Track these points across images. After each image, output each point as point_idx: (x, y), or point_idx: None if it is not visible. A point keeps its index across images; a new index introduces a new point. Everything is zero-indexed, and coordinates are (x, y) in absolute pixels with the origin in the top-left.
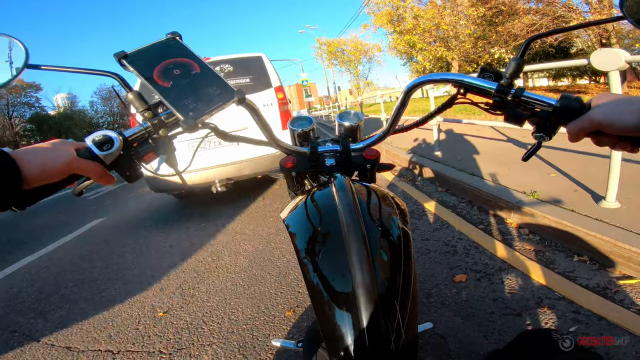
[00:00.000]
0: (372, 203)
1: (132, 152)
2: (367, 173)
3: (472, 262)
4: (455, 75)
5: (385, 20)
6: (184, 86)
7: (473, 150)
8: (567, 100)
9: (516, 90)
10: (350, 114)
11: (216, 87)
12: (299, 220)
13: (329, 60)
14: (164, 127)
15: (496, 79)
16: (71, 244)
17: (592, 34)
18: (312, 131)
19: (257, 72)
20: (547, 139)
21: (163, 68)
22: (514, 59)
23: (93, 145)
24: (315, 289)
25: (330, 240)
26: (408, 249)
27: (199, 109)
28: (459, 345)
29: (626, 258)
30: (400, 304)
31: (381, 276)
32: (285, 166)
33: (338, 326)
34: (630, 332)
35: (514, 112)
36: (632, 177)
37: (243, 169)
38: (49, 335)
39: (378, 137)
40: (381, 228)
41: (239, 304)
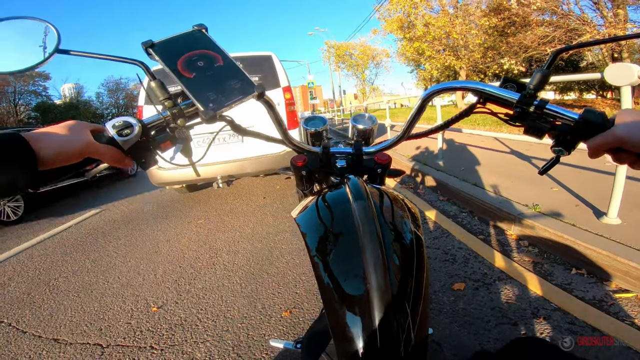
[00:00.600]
0: (384, 205)
1: (150, 140)
2: (377, 177)
3: (470, 271)
4: (476, 84)
5: (396, 27)
6: (207, 78)
7: (476, 160)
8: (591, 114)
9: (539, 102)
10: (364, 117)
11: (237, 80)
12: (311, 219)
13: (336, 63)
14: (183, 117)
15: (518, 89)
16: (66, 233)
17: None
18: (325, 131)
19: (266, 71)
20: (567, 153)
21: (187, 59)
22: (539, 70)
23: (112, 130)
24: (326, 288)
25: (343, 240)
26: (421, 253)
27: (219, 101)
28: (454, 352)
29: (624, 272)
30: (412, 308)
31: (394, 279)
32: (297, 164)
33: (349, 327)
34: (624, 344)
35: (534, 124)
36: (635, 195)
37: (246, 166)
38: (37, 327)
39: (392, 141)
40: (394, 231)
41: (236, 302)
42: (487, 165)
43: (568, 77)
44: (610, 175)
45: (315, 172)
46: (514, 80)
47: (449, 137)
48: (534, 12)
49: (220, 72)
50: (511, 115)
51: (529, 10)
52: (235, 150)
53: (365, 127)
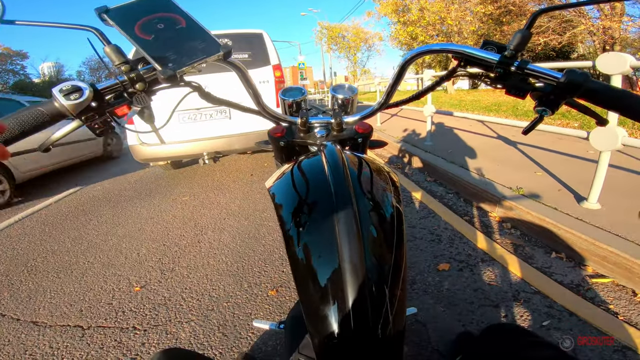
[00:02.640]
0: (363, 174)
1: (104, 105)
2: (358, 147)
3: (455, 252)
4: (455, 46)
5: (391, 10)
6: (166, 39)
7: (464, 144)
8: (574, 74)
9: (520, 62)
10: (344, 87)
11: (202, 40)
12: (285, 189)
13: (328, 44)
14: (142, 81)
15: (499, 51)
16: (45, 211)
17: (596, 40)
18: (303, 102)
19: (256, 48)
20: (550, 113)
21: (146, 22)
22: (519, 31)
23: (59, 94)
24: (298, 264)
25: (317, 211)
26: (401, 230)
27: (179, 61)
28: (439, 333)
29: (601, 257)
30: (390, 289)
31: (371, 255)
32: (274, 135)
33: (321, 307)
34: (598, 329)
35: (516, 84)
36: (615, 182)
37: (233, 143)
38: (15, 309)
39: (372, 110)
40: (373, 202)
41: (221, 280)
42: (474, 148)
43: (559, 64)
44: (593, 162)
45: (294, 144)
46: (494, 42)
47: (438, 120)
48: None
49: (183, 33)
50: (492, 77)
51: None
52: (222, 126)
53: (345, 96)
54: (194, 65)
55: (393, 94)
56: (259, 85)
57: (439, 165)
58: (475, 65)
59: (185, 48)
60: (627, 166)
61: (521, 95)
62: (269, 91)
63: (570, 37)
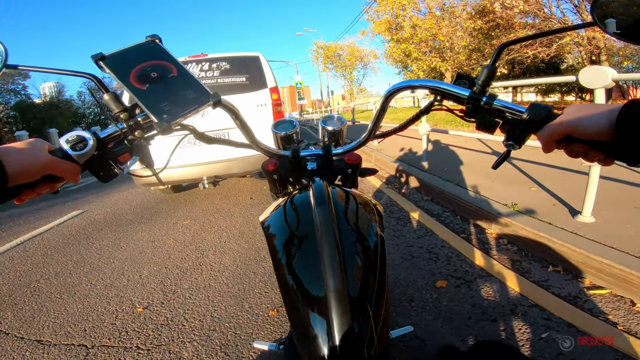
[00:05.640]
0: (349, 208)
1: (107, 153)
2: (349, 177)
3: (453, 269)
4: (431, 82)
5: (384, 28)
6: (160, 89)
7: (459, 161)
8: (537, 108)
9: (487, 97)
10: (333, 118)
11: (192, 90)
12: (277, 222)
13: (324, 64)
14: (140, 128)
15: (470, 85)
16: (47, 235)
17: (583, 51)
18: (295, 134)
19: (253, 71)
20: (517, 147)
21: (140, 70)
22: (486, 67)
23: (67, 146)
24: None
25: (305, 244)
26: (383, 257)
27: (173, 112)
28: (437, 348)
29: (597, 269)
30: (374, 311)
31: (355, 282)
32: (267, 169)
33: (310, 330)
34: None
35: (484, 120)
36: (608, 194)
37: (232, 167)
38: (19, 328)
39: (359, 142)
40: (357, 234)
41: (222, 302)
42: (469, 165)
43: (544, 79)
44: (586, 175)
45: (287, 176)
46: (466, 76)
47: (434, 138)
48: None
49: (175, 82)
50: (465, 111)
51: (512, 13)
52: (222, 150)
53: (335, 128)
54: (187, 116)
55: (379, 125)
56: (256, 108)
57: (435, 184)
58: (450, 100)
59: (178, 97)
60: (617, 176)
61: (490, 131)
62: (266, 114)
63: (558, 48)
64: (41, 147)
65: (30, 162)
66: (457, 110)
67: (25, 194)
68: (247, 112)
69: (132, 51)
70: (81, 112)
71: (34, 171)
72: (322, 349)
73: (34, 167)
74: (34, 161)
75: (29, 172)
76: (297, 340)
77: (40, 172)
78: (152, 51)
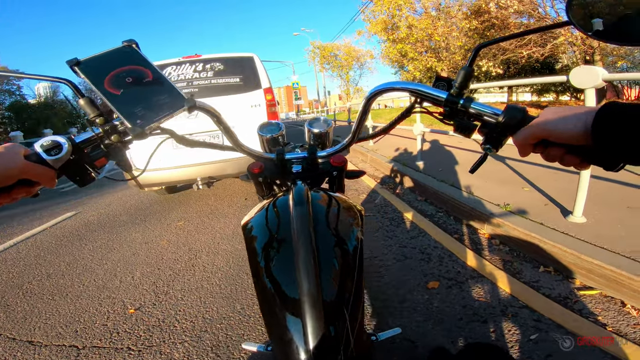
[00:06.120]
0: (330, 212)
1: (83, 157)
2: (334, 180)
3: (445, 270)
4: (411, 85)
5: (380, 28)
6: (134, 94)
7: (454, 161)
8: (512, 110)
9: (464, 100)
10: (319, 120)
11: (167, 95)
12: (258, 225)
13: (321, 64)
14: (117, 133)
15: (448, 88)
16: (40, 236)
17: (577, 51)
18: (281, 137)
19: (247, 72)
20: (494, 150)
21: (115, 76)
22: (462, 68)
23: (41, 150)
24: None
25: (283, 247)
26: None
27: (147, 117)
28: (428, 350)
29: (587, 270)
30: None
31: (331, 285)
32: (253, 171)
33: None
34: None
35: (462, 123)
36: (600, 194)
37: (226, 168)
38: (11, 329)
39: (343, 144)
40: (336, 237)
41: (214, 303)
42: (464, 165)
43: (537, 79)
44: (577, 174)
45: (273, 178)
46: (445, 78)
47: (430, 138)
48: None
49: (149, 87)
50: (443, 114)
51: (506, 13)
52: (216, 151)
53: (321, 130)
54: (161, 121)
55: (361, 127)
56: (250, 109)
57: (429, 184)
58: (429, 102)
59: (152, 103)
60: (609, 176)
61: (467, 134)
62: (260, 115)
63: (552, 48)
64: (17, 151)
65: (4, 167)
66: (436, 113)
67: (0, 198)
68: (241, 112)
69: (107, 56)
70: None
71: (9, 175)
72: (297, 353)
73: (8, 172)
74: (8, 165)
75: (3, 176)
76: (272, 342)
77: (15, 176)
78: (127, 56)
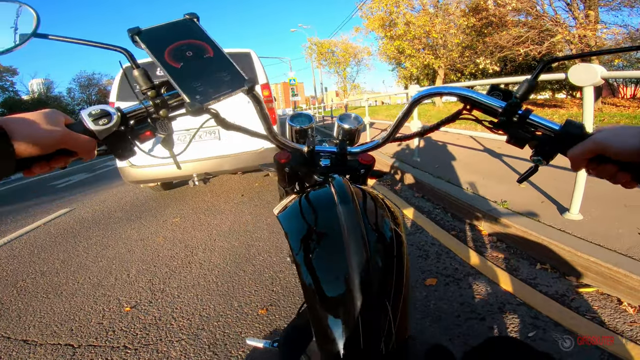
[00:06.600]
0: (368, 206)
1: (129, 130)
2: (359, 177)
3: (442, 267)
4: (463, 90)
5: (377, 25)
6: (195, 69)
7: (451, 158)
8: (571, 126)
9: (523, 111)
10: (350, 116)
11: (227, 73)
12: (295, 218)
13: (318, 60)
14: (166, 107)
15: (504, 98)
16: (34, 233)
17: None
18: (310, 129)
19: (244, 68)
20: (545, 163)
21: (175, 48)
22: (527, 80)
23: (88, 118)
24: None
25: (327, 240)
26: (401, 252)
27: (206, 93)
28: (426, 346)
29: (584, 267)
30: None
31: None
32: (280, 161)
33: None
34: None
35: (517, 134)
36: (596, 192)
37: (223, 164)
38: (5, 328)
39: (376, 143)
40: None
41: (211, 300)
42: (461, 162)
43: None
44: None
45: (298, 170)
46: (500, 88)
47: (427, 135)
48: (509, 13)
49: (210, 63)
50: (496, 123)
51: (504, 10)
52: (212, 147)
53: (351, 127)
54: (220, 99)
55: (400, 128)
56: (247, 104)
57: (427, 181)
58: (480, 110)
59: (212, 80)
60: None
61: (520, 145)
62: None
63: (549, 46)
64: (56, 119)
65: (41, 135)
66: (486, 122)
67: (37, 167)
68: (238, 108)
69: (168, 28)
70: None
71: (47, 144)
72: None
73: (46, 140)
74: (46, 134)
75: (41, 145)
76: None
77: (54, 145)
78: (188, 29)
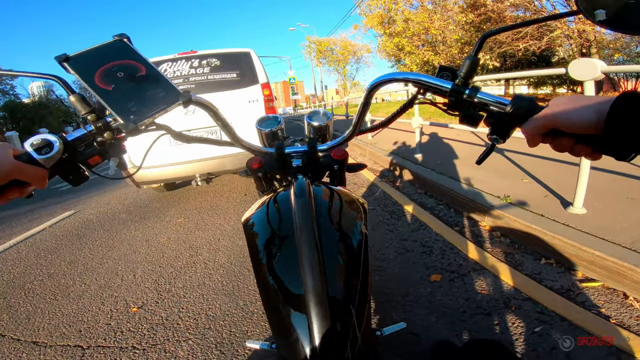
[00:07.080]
0: (333, 206)
1: (76, 156)
2: (336, 173)
3: (447, 263)
4: (414, 75)
5: (376, 22)
6: (127, 89)
7: (452, 153)
8: (520, 100)
9: (470, 90)
10: (319, 113)
11: (162, 89)
12: (259, 221)
13: (317, 59)
14: (109, 130)
15: (453, 78)
16: (40, 236)
17: (573, 44)
18: (280, 131)
19: (244, 67)
20: (502, 141)
21: (106, 70)
22: (467, 58)
23: (31, 149)
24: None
25: (286, 243)
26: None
27: (141, 112)
28: (432, 343)
29: (589, 261)
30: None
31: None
32: (252, 167)
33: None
34: (590, 333)
35: (468, 113)
36: (600, 185)
37: (225, 164)
38: (15, 330)
39: (344, 137)
40: (339, 232)
41: (217, 300)
42: (462, 157)
43: (535, 72)
44: (577, 166)
45: (272, 174)
46: (449, 68)
47: (428, 131)
48: (508, 9)
49: (143, 81)
50: (448, 104)
51: (503, 6)
52: (214, 147)
53: (320, 123)
54: (155, 116)
55: (362, 120)
56: (248, 104)
57: (429, 177)
58: (432, 92)
59: (146, 98)
60: (609, 168)
61: (473, 124)
62: (258, 110)
63: (549, 41)
64: (6, 151)
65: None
66: (440, 104)
67: None
68: (239, 108)
69: (97, 51)
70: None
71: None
72: (303, 350)
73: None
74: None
75: None
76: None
77: (5, 177)
78: (119, 51)
